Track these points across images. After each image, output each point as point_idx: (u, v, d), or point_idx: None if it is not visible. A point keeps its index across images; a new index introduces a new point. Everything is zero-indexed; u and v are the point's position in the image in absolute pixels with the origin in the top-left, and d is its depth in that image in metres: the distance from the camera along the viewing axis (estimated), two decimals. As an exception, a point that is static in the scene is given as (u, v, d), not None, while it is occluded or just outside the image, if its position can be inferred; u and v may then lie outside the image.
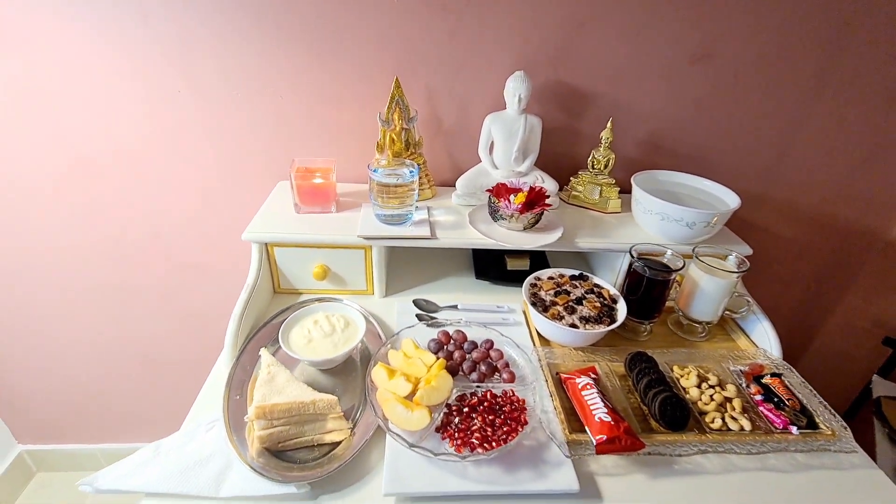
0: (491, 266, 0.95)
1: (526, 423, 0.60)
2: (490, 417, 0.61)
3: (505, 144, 0.91)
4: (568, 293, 0.79)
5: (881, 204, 1.14)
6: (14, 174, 0.97)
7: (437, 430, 0.60)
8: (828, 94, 0.97)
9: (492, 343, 0.72)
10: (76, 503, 1.40)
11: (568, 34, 0.88)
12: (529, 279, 0.82)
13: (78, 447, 1.45)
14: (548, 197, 0.84)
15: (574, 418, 0.64)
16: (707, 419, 0.65)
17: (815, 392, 0.71)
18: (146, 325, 1.20)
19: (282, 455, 0.58)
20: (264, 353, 0.67)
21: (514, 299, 0.87)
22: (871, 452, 1.01)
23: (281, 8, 0.84)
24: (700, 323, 0.83)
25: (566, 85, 0.94)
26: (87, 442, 1.45)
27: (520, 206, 0.81)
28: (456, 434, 0.58)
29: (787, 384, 0.71)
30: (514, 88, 0.86)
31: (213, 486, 0.53)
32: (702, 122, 0.99)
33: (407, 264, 0.98)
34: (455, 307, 0.84)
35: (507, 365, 0.69)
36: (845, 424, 0.66)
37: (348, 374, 0.70)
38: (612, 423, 0.59)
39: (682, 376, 0.71)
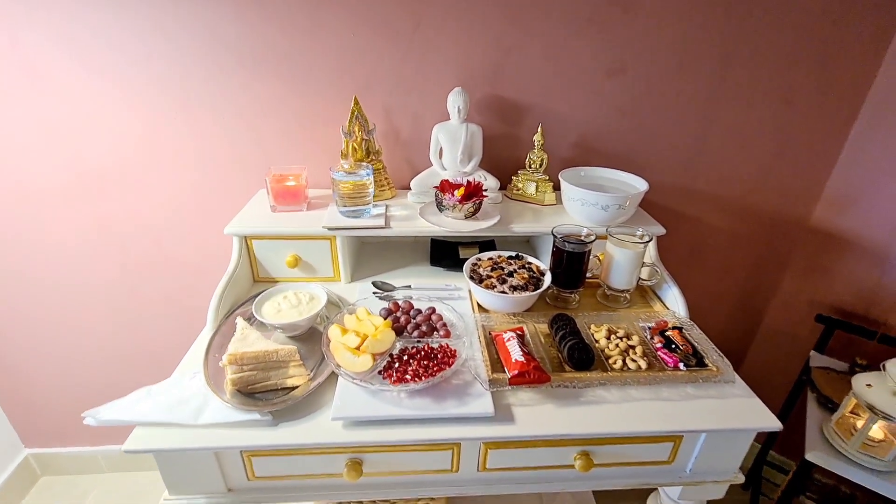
0: (445, 255, 1.09)
1: (454, 362, 0.73)
2: (425, 363, 0.73)
3: (451, 149, 1.06)
4: (502, 269, 0.93)
5: (796, 195, 1.28)
6: (32, 185, 1.12)
7: (380, 373, 0.72)
8: (729, 100, 1.13)
9: (434, 309, 0.85)
10: None
11: (498, 56, 1.05)
12: (472, 259, 0.96)
13: (80, 450, 1.55)
14: (485, 190, 0.99)
15: (499, 366, 0.76)
16: (610, 361, 0.77)
17: (709, 340, 0.83)
18: (145, 325, 1.33)
19: (251, 396, 0.70)
20: (240, 321, 0.80)
21: (463, 283, 1.00)
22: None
23: (259, 46, 1.01)
24: (621, 292, 0.95)
25: (502, 98, 1.10)
26: (88, 444, 1.55)
27: (460, 197, 0.95)
28: (394, 374, 0.71)
29: (686, 335, 0.83)
30: (454, 101, 1.01)
31: (193, 417, 0.65)
32: (624, 126, 1.15)
33: (372, 256, 1.12)
34: (409, 287, 0.97)
35: (444, 325, 0.82)
36: (728, 363, 0.78)
37: (313, 342, 0.83)
38: (525, 361, 0.72)
39: (596, 332, 0.84)
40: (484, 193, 0.98)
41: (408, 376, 0.70)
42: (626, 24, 1.03)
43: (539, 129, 1.07)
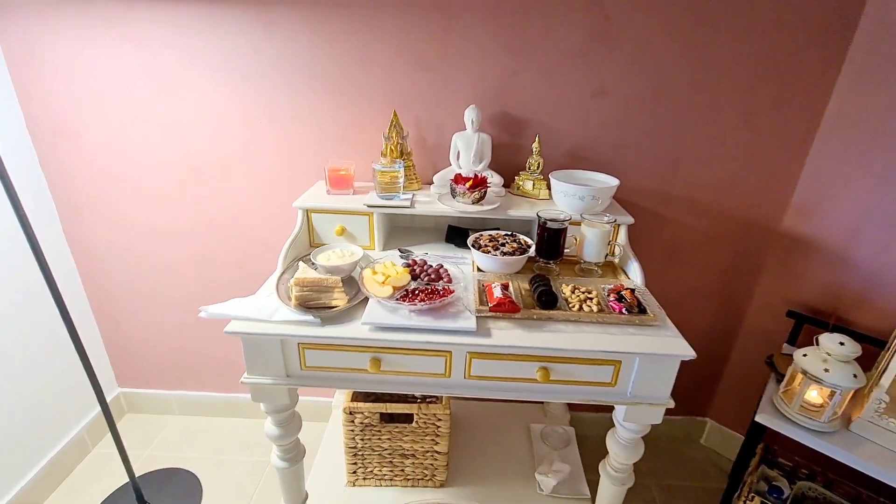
0: (458, 235, 1.37)
1: (450, 295, 1.00)
2: (430, 295, 1.01)
3: (466, 153, 1.36)
4: (498, 241, 1.20)
5: (765, 202, 1.48)
6: (152, 173, 1.50)
7: (398, 299, 1.00)
8: (697, 118, 1.37)
9: (441, 265, 1.13)
10: (151, 445, 1.83)
11: (506, 80, 1.35)
12: (475, 235, 1.23)
13: (159, 392, 1.90)
14: (489, 183, 1.27)
15: (485, 303, 1.02)
16: (570, 305, 1.02)
17: (655, 300, 1.06)
18: (223, 287, 1.68)
19: (307, 309, 1.00)
20: (301, 263, 1.11)
21: (470, 256, 1.27)
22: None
23: (326, 68, 1.35)
24: (593, 265, 1.20)
25: (507, 114, 1.39)
26: (165, 388, 1.90)
27: (469, 187, 1.24)
28: (407, 299, 0.99)
29: (637, 295, 1.06)
30: (469, 116, 1.32)
31: (269, 315, 0.96)
32: (608, 138, 1.41)
33: (401, 234, 1.41)
34: (426, 254, 1.26)
35: (448, 275, 1.10)
36: (664, 313, 1.01)
37: (352, 284, 1.12)
38: (503, 297, 0.98)
39: (564, 287, 1.09)
40: (488, 185, 1.26)
41: (416, 300, 0.98)
42: (606, 56, 1.31)
43: (537, 139, 1.35)
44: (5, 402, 1.43)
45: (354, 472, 1.45)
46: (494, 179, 1.36)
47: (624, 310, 1.01)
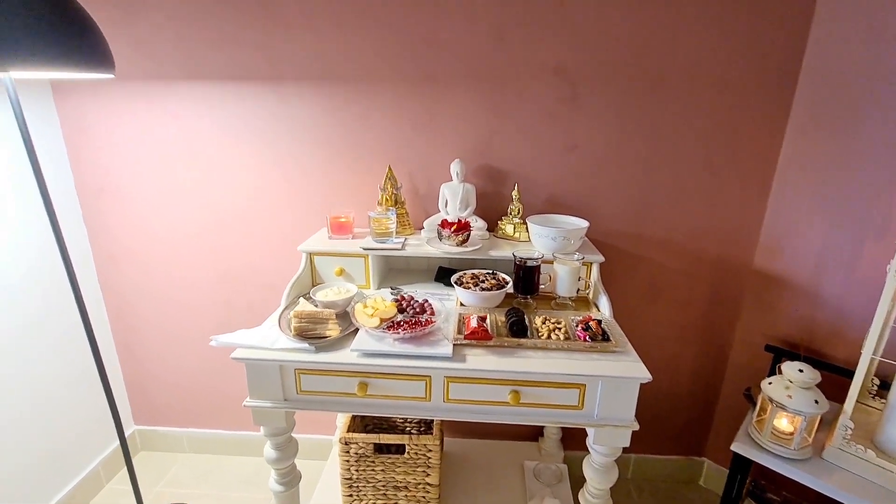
0: (446, 275, 1.50)
1: (431, 324, 1.12)
2: (413, 326, 1.13)
3: (452, 201, 1.52)
4: (479, 278, 1.33)
5: (734, 242, 1.59)
6: (179, 224, 1.70)
7: (384, 329, 1.12)
8: (661, 168, 1.52)
9: (427, 300, 1.26)
10: (161, 481, 1.92)
11: (487, 138, 1.54)
12: (459, 273, 1.37)
13: (171, 430, 2.00)
14: (472, 228, 1.42)
15: (462, 333, 1.14)
16: (539, 334, 1.13)
17: (620, 329, 1.16)
18: (237, 329, 1.82)
19: (304, 338, 1.13)
20: (301, 299, 1.25)
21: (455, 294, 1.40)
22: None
23: (329, 130, 1.56)
24: (567, 299, 1.31)
25: (491, 166, 1.57)
26: (177, 426, 2.00)
27: (453, 230, 1.39)
28: (391, 329, 1.11)
29: (603, 326, 1.16)
30: (454, 168, 1.49)
31: (270, 344, 1.09)
32: (581, 186, 1.56)
33: (394, 274, 1.55)
34: (415, 291, 1.39)
35: (432, 308, 1.22)
36: (626, 340, 1.10)
37: (345, 317, 1.25)
38: (477, 326, 1.10)
39: (536, 319, 1.20)
40: (471, 229, 1.41)
41: (399, 330, 1.10)
42: (574, 116, 1.49)
43: (516, 188, 1.51)
44: (30, 435, 1.56)
45: (350, 505, 1.51)
46: (479, 224, 1.51)
47: (588, 338, 1.11)
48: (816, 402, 1.15)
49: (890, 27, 1.25)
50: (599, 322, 1.18)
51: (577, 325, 1.17)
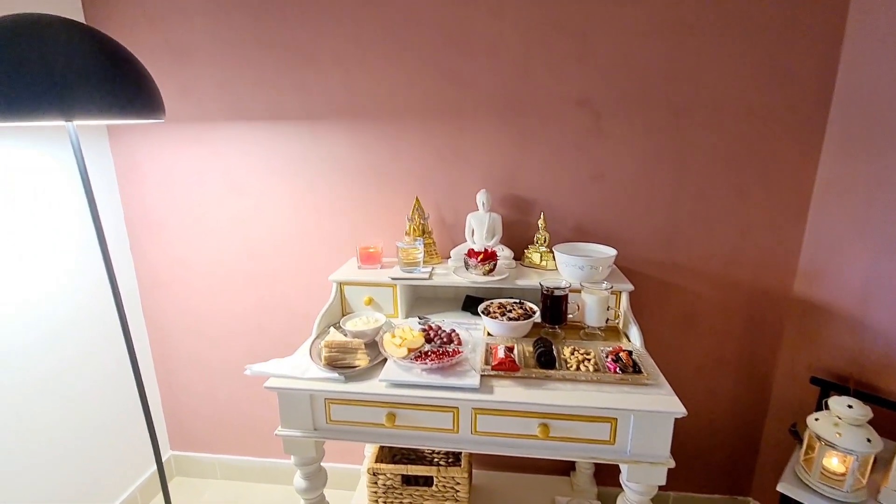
0: (474, 304, 1.51)
1: (458, 355, 1.12)
2: (441, 356, 1.14)
3: (479, 230, 1.54)
4: (506, 308, 1.33)
5: (772, 269, 1.54)
6: (219, 258, 1.78)
7: (412, 359, 1.13)
8: (690, 195, 1.50)
9: (454, 330, 1.27)
10: None
11: (512, 168, 1.56)
12: (486, 302, 1.37)
13: (203, 456, 2.05)
14: (498, 257, 1.43)
15: (489, 364, 1.14)
16: (568, 365, 1.11)
17: (651, 360, 1.13)
18: (270, 357, 1.87)
19: (334, 368, 1.15)
20: (332, 329, 1.28)
21: (483, 323, 1.40)
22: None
23: (359, 164, 1.62)
24: (596, 329, 1.29)
25: (517, 195, 1.58)
26: (209, 452, 2.04)
27: (480, 260, 1.40)
28: (419, 360, 1.12)
29: (634, 357, 1.14)
30: (481, 198, 1.51)
31: (301, 373, 1.11)
32: (609, 214, 1.56)
33: (423, 304, 1.57)
34: (443, 321, 1.40)
35: (459, 339, 1.22)
36: (659, 372, 1.08)
37: (374, 346, 1.27)
38: (504, 357, 1.10)
39: (564, 349, 1.18)
40: (497, 258, 1.42)
41: (427, 360, 1.11)
42: (600, 145, 1.50)
43: (542, 216, 1.52)
44: (71, 461, 1.62)
45: (378, 538, 1.49)
46: (505, 253, 1.52)
47: (619, 369, 1.08)
48: (869, 440, 1.08)
49: (926, 49, 1.22)
50: (630, 353, 1.15)
51: (606, 357, 1.15)
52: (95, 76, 0.98)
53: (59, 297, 1.53)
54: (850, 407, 1.12)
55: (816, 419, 1.17)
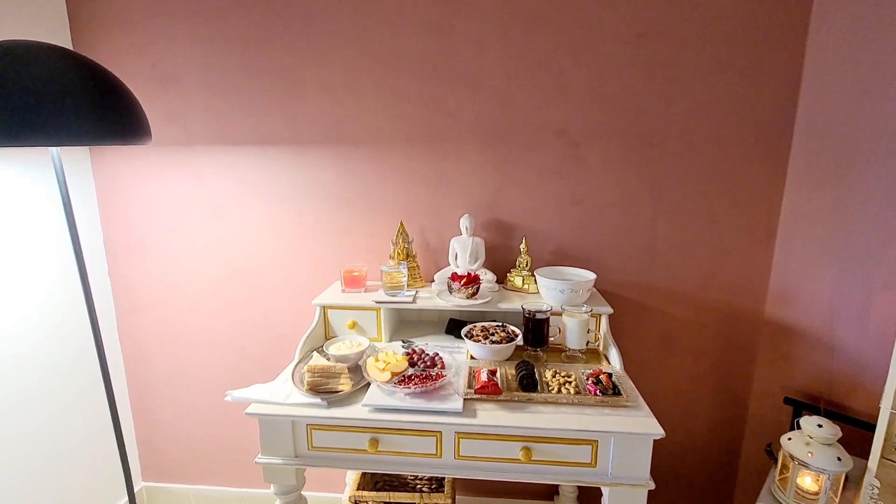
0: (457, 327, 1.52)
1: (441, 378, 1.13)
2: (424, 380, 1.14)
3: (462, 254, 1.56)
4: (489, 332, 1.34)
5: (744, 292, 1.60)
6: (200, 279, 1.76)
7: (395, 383, 1.14)
8: (664, 220, 1.56)
9: (437, 354, 1.27)
10: (171, 529, 1.87)
11: (494, 194, 1.60)
12: (469, 326, 1.39)
13: (177, 486, 1.97)
14: (481, 280, 1.46)
15: (472, 387, 1.14)
16: (549, 388, 1.13)
17: (630, 382, 1.16)
18: (250, 381, 1.83)
19: (317, 392, 1.14)
20: (314, 353, 1.28)
21: (465, 346, 1.42)
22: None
23: (344, 190, 1.64)
24: (577, 352, 1.32)
25: (499, 220, 1.62)
26: (184, 482, 1.97)
27: (463, 283, 1.42)
28: (403, 383, 1.12)
29: (613, 379, 1.16)
30: (463, 223, 1.54)
31: (283, 399, 1.10)
32: (588, 238, 1.60)
33: (406, 327, 1.58)
34: (426, 344, 1.41)
35: (442, 362, 1.23)
36: (638, 394, 1.10)
37: (357, 371, 1.27)
38: (487, 380, 1.11)
39: (546, 372, 1.20)
40: (480, 282, 1.44)
41: (410, 384, 1.11)
42: (578, 172, 1.55)
43: (524, 241, 1.55)
44: (38, 490, 1.55)
45: (359, 569, 1.45)
46: (488, 276, 1.54)
47: (599, 392, 1.11)
48: (839, 459, 1.12)
49: (875, 84, 1.32)
50: (610, 375, 1.18)
51: (587, 379, 1.17)
52: (81, 101, 0.99)
53: (34, 319, 1.49)
54: (819, 426, 1.15)
55: (789, 439, 1.20)
